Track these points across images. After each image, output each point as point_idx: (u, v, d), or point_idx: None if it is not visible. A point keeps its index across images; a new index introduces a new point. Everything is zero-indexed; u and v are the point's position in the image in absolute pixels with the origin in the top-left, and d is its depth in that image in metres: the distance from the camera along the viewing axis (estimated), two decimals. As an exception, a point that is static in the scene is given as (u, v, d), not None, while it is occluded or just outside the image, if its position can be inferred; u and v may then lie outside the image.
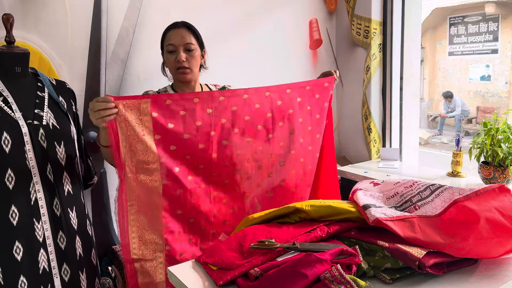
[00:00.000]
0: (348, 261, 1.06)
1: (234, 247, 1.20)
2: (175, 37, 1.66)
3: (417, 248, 1.09)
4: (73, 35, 2.03)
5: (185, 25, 1.70)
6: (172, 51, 1.67)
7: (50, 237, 1.41)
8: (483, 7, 7.57)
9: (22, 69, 1.45)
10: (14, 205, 1.34)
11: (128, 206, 1.48)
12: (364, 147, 2.94)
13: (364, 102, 2.90)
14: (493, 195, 1.19)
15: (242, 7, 2.55)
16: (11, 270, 1.33)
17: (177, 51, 1.66)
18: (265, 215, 1.35)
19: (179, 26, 1.69)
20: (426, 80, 9.32)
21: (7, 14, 1.43)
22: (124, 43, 2.18)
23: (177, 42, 1.65)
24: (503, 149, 1.99)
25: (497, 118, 2.08)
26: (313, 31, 2.93)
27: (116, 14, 2.14)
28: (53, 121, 1.45)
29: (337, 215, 1.28)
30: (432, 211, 1.22)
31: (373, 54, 2.80)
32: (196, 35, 1.71)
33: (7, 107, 1.37)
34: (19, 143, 1.35)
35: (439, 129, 8.59)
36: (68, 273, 1.45)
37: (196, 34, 1.71)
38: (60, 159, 1.45)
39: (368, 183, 1.48)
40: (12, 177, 1.34)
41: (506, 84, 7.94)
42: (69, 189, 1.48)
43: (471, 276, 1.09)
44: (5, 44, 1.43)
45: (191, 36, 1.68)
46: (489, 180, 2.06)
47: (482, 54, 7.87)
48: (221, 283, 1.08)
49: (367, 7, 2.76)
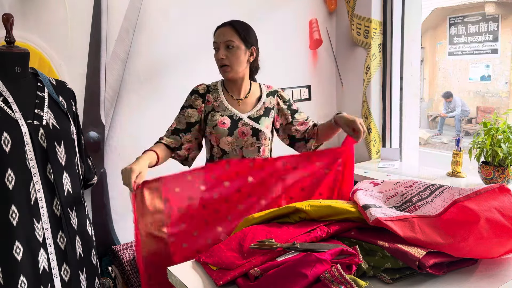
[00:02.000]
0: (348, 261, 1.06)
1: (234, 247, 1.20)
2: (218, 35, 1.68)
3: (417, 248, 1.09)
4: (73, 35, 2.03)
5: (230, 23, 1.69)
6: (215, 48, 1.69)
7: (50, 237, 1.41)
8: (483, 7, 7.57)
9: (22, 69, 1.45)
10: (14, 205, 1.34)
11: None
12: (364, 147, 2.94)
13: (364, 102, 2.90)
14: (493, 195, 1.19)
15: (242, 7, 2.55)
16: (11, 270, 1.33)
17: (219, 49, 1.67)
18: (265, 215, 1.35)
19: (224, 24, 1.69)
20: (426, 80, 9.31)
21: (7, 14, 1.43)
22: (124, 43, 2.18)
23: (219, 40, 1.67)
24: (503, 149, 1.99)
25: (497, 118, 2.08)
26: (313, 31, 2.93)
27: (116, 14, 2.14)
28: (53, 121, 1.45)
29: (337, 215, 1.28)
30: (432, 211, 1.22)
31: (373, 54, 2.80)
32: (239, 33, 1.67)
33: (7, 107, 1.37)
34: (19, 143, 1.35)
35: (439, 129, 8.58)
36: (68, 273, 1.45)
37: (240, 32, 1.67)
38: (60, 159, 1.45)
39: (368, 183, 1.48)
40: (12, 177, 1.34)
41: (506, 84, 7.94)
42: (69, 189, 1.48)
43: (471, 276, 1.09)
44: (5, 44, 1.43)
45: (233, 34, 1.66)
46: (489, 180, 2.06)
47: (482, 54, 7.87)
48: (221, 283, 1.09)
49: (367, 7, 2.76)
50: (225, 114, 1.70)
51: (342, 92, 3.08)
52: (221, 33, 1.67)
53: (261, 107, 1.77)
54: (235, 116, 1.71)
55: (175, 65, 2.37)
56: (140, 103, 2.27)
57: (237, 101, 1.75)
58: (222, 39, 1.66)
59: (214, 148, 1.72)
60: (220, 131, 1.68)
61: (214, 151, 1.73)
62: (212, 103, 1.72)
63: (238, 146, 1.70)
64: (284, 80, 2.83)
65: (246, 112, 1.74)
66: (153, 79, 2.30)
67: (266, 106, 1.78)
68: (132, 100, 2.25)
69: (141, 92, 2.27)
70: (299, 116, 1.84)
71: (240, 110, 1.73)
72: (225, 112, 1.71)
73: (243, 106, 1.75)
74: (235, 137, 1.69)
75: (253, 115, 1.73)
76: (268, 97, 1.81)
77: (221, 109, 1.71)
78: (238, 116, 1.71)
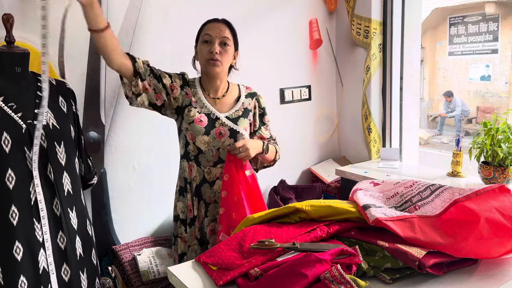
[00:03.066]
0: (348, 261, 1.06)
1: (234, 247, 1.20)
2: (213, 29, 1.66)
3: (417, 248, 1.09)
4: (73, 35, 2.03)
5: (225, 22, 1.70)
6: (207, 41, 1.65)
7: (49, 239, 1.40)
8: (483, 7, 7.56)
9: (22, 69, 1.45)
10: (14, 205, 1.34)
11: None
12: (364, 147, 2.94)
13: (364, 102, 2.90)
14: (493, 195, 1.19)
15: (242, 7, 2.55)
16: (11, 270, 1.33)
17: (212, 42, 1.65)
18: (265, 215, 1.35)
19: (219, 20, 1.69)
20: (426, 80, 9.31)
21: (7, 14, 1.43)
22: (124, 43, 2.18)
23: (215, 34, 1.65)
24: (503, 149, 1.99)
25: (497, 118, 2.08)
26: (313, 31, 2.93)
27: (116, 14, 2.14)
28: (53, 121, 1.45)
29: (337, 215, 1.28)
30: (432, 211, 1.22)
31: (373, 54, 2.80)
32: (233, 34, 1.70)
33: (7, 107, 1.37)
34: (19, 143, 1.35)
35: (439, 129, 8.58)
36: (68, 273, 1.45)
37: (233, 33, 1.70)
38: (60, 159, 1.45)
39: (368, 183, 1.48)
40: (12, 177, 1.34)
41: (506, 84, 7.94)
42: (69, 189, 1.48)
43: (471, 276, 1.09)
44: (5, 44, 1.43)
45: (229, 32, 1.68)
46: (489, 180, 2.06)
47: (482, 54, 7.86)
48: (221, 283, 1.09)
49: (367, 7, 2.76)
50: (202, 112, 1.68)
51: (342, 92, 3.08)
52: (218, 27, 1.65)
53: (240, 108, 1.75)
54: (212, 114, 1.69)
55: (175, 65, 2.36)
56: (140, 103, 2.27)
57: (214, 100, 1.73)
58: (218, 33, 1.64)
59: (189, 146, 1.69)
60: (196, 128, 1.65)
61: (190, 149, 1.69)
62: (190, 97, 1.69)
63: (215, 147, 1.68)
64: (284, 80, 2.83)
65: (223, 112, 1.72)
66: (153, 79, 2.30)
67: (245, 107, 1.77)
68: (132, 100, 2.25)
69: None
70: (264, 131, 1.84)
71: (217, 109, 1.72)
72: (203, 110, 1.69)
73: (220, 105, 1.73)
74: (212, 137, 1.67)
75: (231, 116, 1.72)
76: (247, 98, 1.80)
77: (199, 106, 1.69)
78: (216, 115, 1.69)
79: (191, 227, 1.74)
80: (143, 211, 2.36)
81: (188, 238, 1.75)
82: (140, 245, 2.30)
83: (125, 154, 2.26)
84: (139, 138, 2.28)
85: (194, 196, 1.72)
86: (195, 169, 1.71)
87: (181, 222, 1.76)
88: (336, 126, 3.17)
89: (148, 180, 2.32)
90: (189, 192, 1.72)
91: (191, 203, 1.72)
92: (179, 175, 1.77)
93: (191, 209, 1.72)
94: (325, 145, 3.13)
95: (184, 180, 1.74)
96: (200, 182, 1.71)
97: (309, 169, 3.00)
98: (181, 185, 1.76)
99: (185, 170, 1.73)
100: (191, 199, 1.72)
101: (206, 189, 1.72)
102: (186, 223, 1.75)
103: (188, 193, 1.72)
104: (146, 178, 2.32)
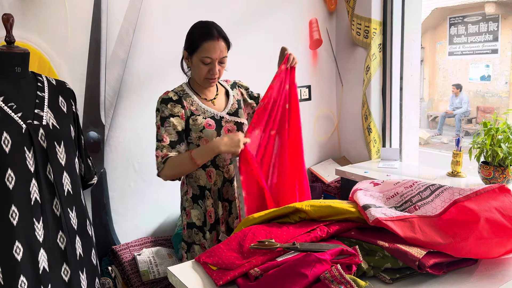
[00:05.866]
0: (348, 261, 1.06)
1: (234, 247, 1.20)
2: (214, 51, 1.61)
3: (417, 248, 1.09)
4: (73, 35, 2.03)
5: (223, 37, 1.64)
6: (208, 63, 1.64)
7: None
8: (483, 7, 7.57)
9: (22, 69, 1.45)
10: (14, 205, 1.34)
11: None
12: (364, 147, 2.94)
13: (364, 102, 2.90)
14: (493, 195, 1.19)
15: (242, 7, 2.55)
16: (11, 270, 1.33)
17: (212, 64, 1.63)
18: (265, 215, 1.35)
19: (217, 38, 1.62)
20: (426, 80, 9.31)
21: (7, 14, 1.43)
22: (124, 43, 2.18)
23: (215, 57, 1.62)
24: (503, 149, 1.99)
25: (497, 118, 2.08)
26: (313, 31, 2.93)
27: (116, 14, 2.14)
28: (53, 121, 1.45)
29: (337, 215, 1.28)
30: (432, 211, 1.22)
31: (373, 54, 2.80)
32: (228, 47, 1.68)
33: (7, 107, 1.37)
34: (19, 143, 1.35)
35: (439, 129, 8.58)
36: (68, 273, 1.45)
37: (228, 45, 1.68)
38: (60, 159, 1.45)
39: (368, 183, 1.48)
40: (12, 177, 1.34)
41: (506, 84, 7.94)
42: (69, 189, 1.48)
43: (471, 276, 1.09)
44: (5, 44, 1.43)
45: (225, 48, 1.66)
46: (489, 180, 2.06)
47: (482, 54, 7.87)
48: (221, 283, 1.09)
49: (367, 7, 2.76)
50: (207, 116, 1.69)
51: (342, 92, 3.08)
52: (218, 49, 1.62)
53: (233, 101, 1.79)
54: (216, 116, 1.71)
55: (175, 65, 2.36)
56: (140, 103, 2.27)
57: (211, 101, 1.74)
58: (219, 55, 1.63)
59: None
60: (209, 133, 1.67)
61: None
62: (189, 108, 1.68)
63: None
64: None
65: (222, 110, 1.75)
66: (153, 79, 2.30)
67: (237, 99, 1.81)
68: (132, 100, 2.25)
69: (141, 92, 2.27)
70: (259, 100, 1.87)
71: (217, 109, 1.74)
72: (206, 114, 1.69)
73: (217, 105, 1.75)
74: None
75: (231, 111, 1.76)
76: (233, 90, 1.83)
77: (201, 112, 1.69)
78: (219, 115, 1.71)
79: (211, 233, 1.72)
80: (143, 211, 2.36)
81: (208, 244, 1.72)
82: (140, 245, 2.30)
83: (125, 154, 2.26)
84: (139, 138, 2.28)
85: (216, 200, 1.72)
86: (214, 173, 1.72)
87: (198, 229, 1.74)
88: (336, 126, 3.17)
89: (148, 180, 2.32)
90: (209, 198, 1.71)
91: (212, 208, 1.71)
92: (190, 183, 1.74)
93: (211, 214, 1.71)
94: (325, 145, 3.14)
95: (199, 187, 1.72)
96: (221, 184, 1.73)
97: (309, 169, 3.00)
98: (194, 193, 1.73)
99: (200, 178, 1.72)
100: (211, 204, 1.71)
101: (228, 188, 1.74)
102: (204, 230, 1.73)
103: (207, 200, 1.71)
104: (146, 178, 2.32)
